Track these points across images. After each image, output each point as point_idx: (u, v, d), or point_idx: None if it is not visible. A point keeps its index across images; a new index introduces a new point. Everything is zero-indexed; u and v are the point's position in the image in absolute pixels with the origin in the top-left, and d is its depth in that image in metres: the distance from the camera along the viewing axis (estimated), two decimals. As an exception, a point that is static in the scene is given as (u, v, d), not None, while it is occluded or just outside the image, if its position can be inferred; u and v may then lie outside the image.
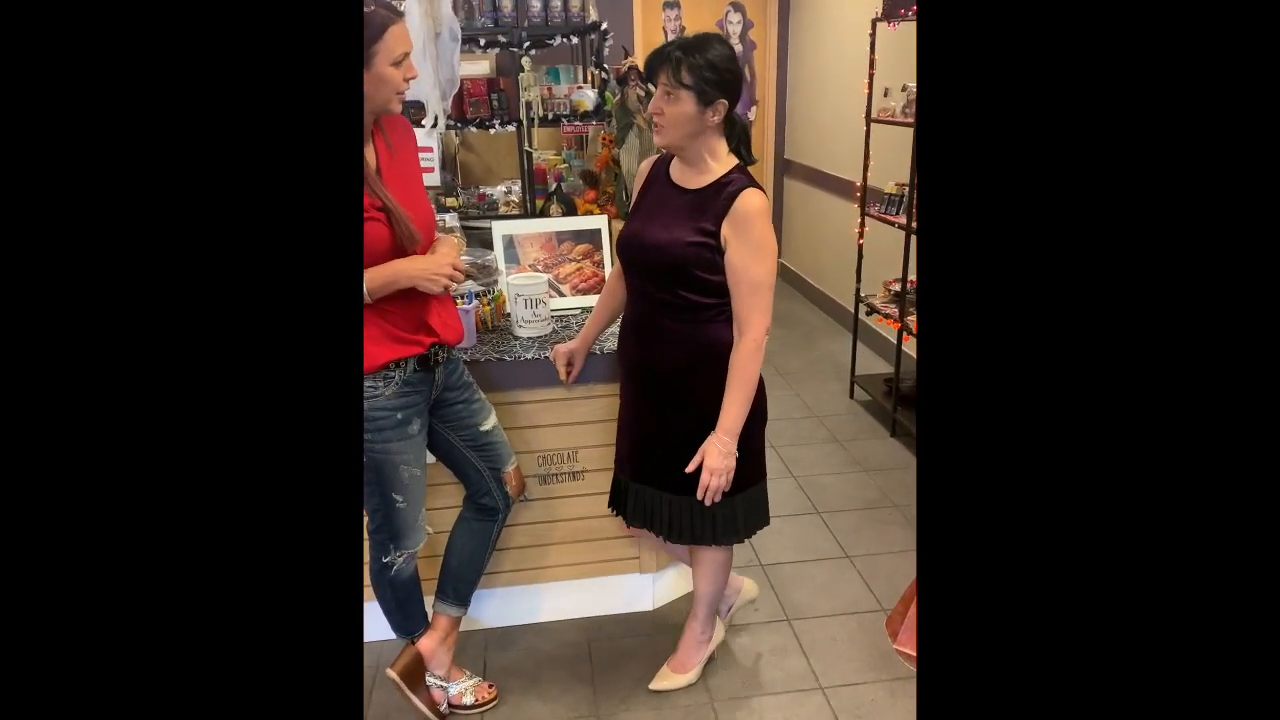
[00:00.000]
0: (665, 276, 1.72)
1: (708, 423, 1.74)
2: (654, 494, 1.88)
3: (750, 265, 1.67)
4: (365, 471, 1.74)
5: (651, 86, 1.69)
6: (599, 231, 2.34)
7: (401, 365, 1.69)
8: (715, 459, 1.72)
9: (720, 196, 1.68)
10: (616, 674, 2.16)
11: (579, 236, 2.34)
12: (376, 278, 1.59)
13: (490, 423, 1.93)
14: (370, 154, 1.63)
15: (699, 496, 1.75)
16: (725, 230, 1.66)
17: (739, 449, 1.75)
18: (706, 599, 2.07)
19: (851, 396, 3.89)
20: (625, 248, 1.80)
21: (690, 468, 1.75)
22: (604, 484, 2.22)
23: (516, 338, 2.14)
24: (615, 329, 2.14)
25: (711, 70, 1.60)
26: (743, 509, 1.86)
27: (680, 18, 5.34)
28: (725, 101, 1.65)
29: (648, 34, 5.26)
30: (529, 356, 2.05)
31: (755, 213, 1.66)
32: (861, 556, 2.65)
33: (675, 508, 1.85)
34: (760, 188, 1.70)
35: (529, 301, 2.11)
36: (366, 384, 1.66)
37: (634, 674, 2.15)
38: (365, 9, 1.49)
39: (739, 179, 1.69)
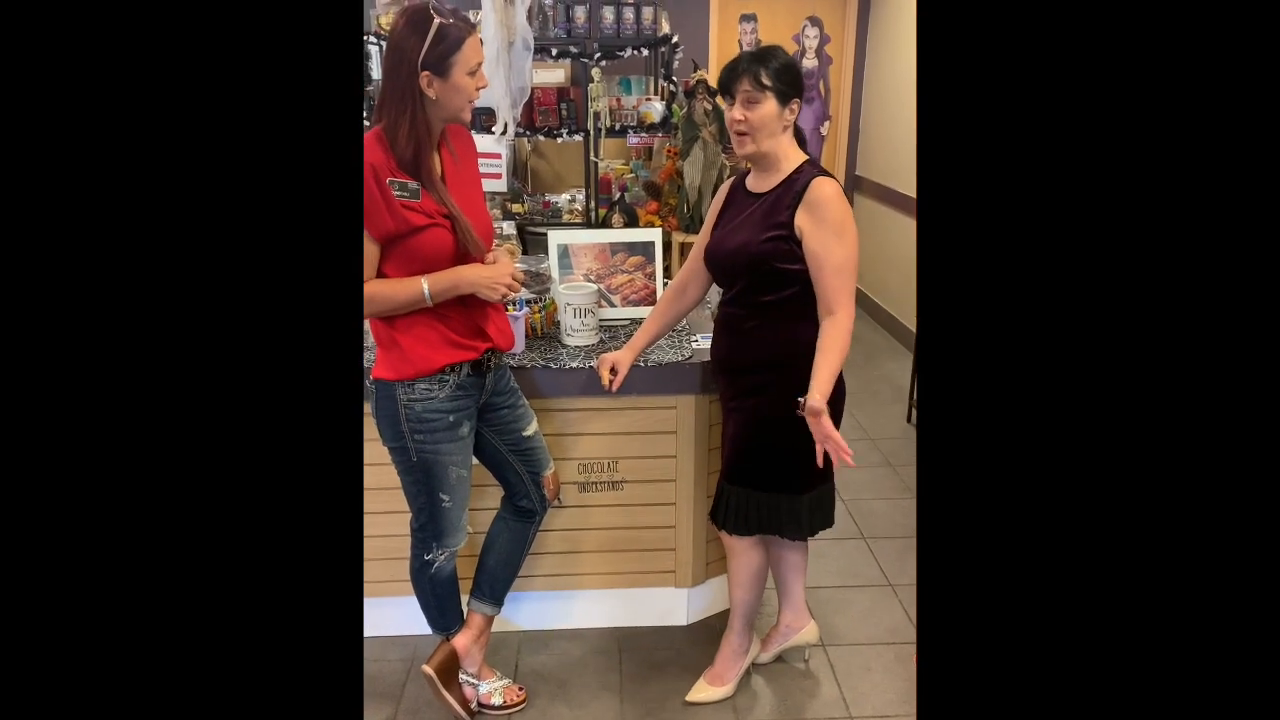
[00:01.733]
0: (746, 276, 1.78)
1: (786, 422, 1.75)
2: (724, 486, 1.94)
3: (832, 247, 1.69)
4: (414, 471, 1.79)
5: (720, 101, 1.75)
6: (652, 245, 2.36)
7: (456, 369, 1.74)
8: (817, 401, 1.65)
9: (792, 190, 1.73)
10: (645, 686, 2.16)
11: (633, 249, 2.36)
12: (439, 282, 1.65)
13: (532, 428, 1.97)
14: (436, 162, 1.69)
15: (818, 445, 1.68)
16: (800, 219, 1.70)
17: (808, 446, 1.77)
18: (742, 607, 2.07)
19: (909, 420, 3.81)
20: (709, 259, 1.89)
21: (805, 410, 1.67)
22: (642, 495, 2.23)
23: (564, 346, 2.17)
24: (665, 342, 2.16)
25: (786, 72, 1.70)
26: (808, 506, 1.91)
27: (756, 30, 5.33)
28: (798, 100, 1.74)
29: (723, 46, 5.26)
30: (575, 365, 2.07)
31: (828, 197, 1.70)
32: (905, 585, 2.59)
33: (740, 499, 1.90)
34: (832, 175, 1.74)
35: (578, 311, 2.14)
36: (422, 386, 1.71)
37: (663, 687, 2.15)
38: (443, 23, 1.55)
39: (809, 170, 1.75)
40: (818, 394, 1.68)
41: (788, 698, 2.14)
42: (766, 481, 1.88)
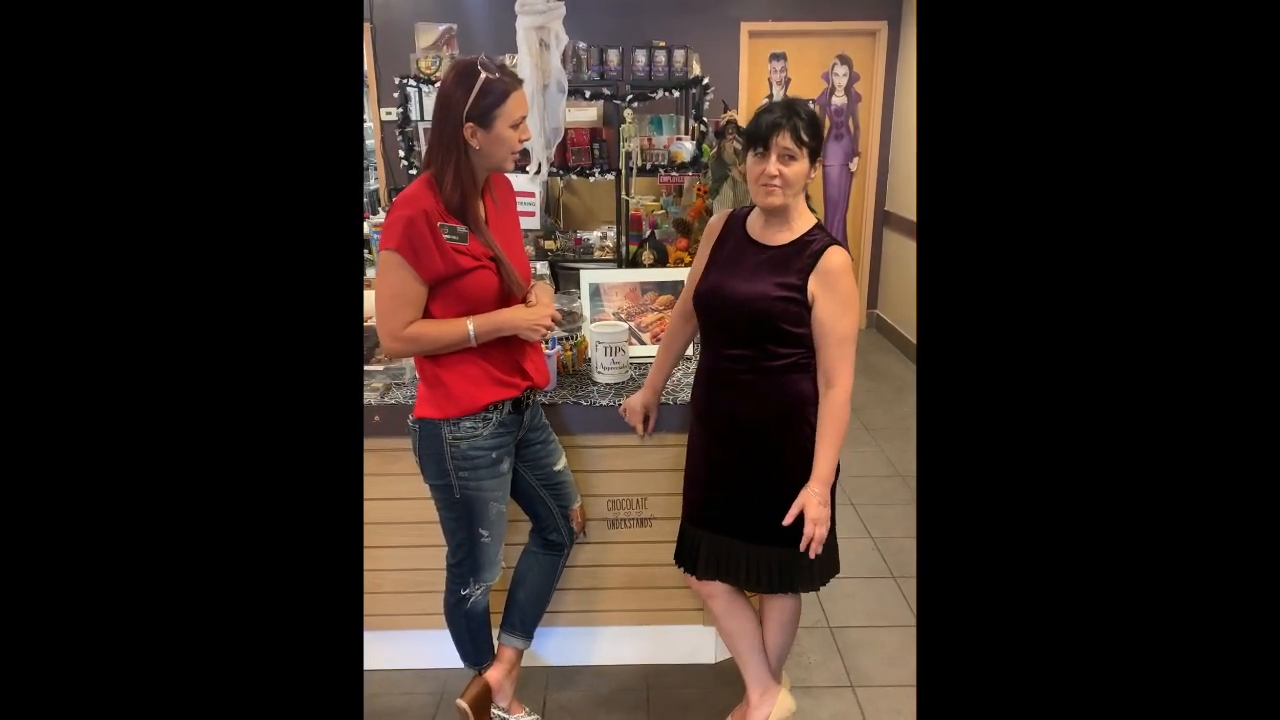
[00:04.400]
0: (750, 329, 1.76)
1: (793, 474, 1.76)
2: (732, 544, 1.89)
3: (839, 319, 1.71)
4: (456, 507, 1.84)
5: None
6: (681, 284, 2.40)
7: (499, 407, 1.79)
8: (815, 509, 1.74)
9: (805, 253, 1.73)
10: (672, 724, 2.16)
11: (662, 288, 2.40)
12: (484, 324, 1.71)
13: (562, 463, 2.01)
14: (480, 208, 1.75)
15: (802, 548, 1.75)
16: (812, 285, 1.71)
17: None
18: (776, 651, 2.06)
19: (939, 458, 3.79)
20: (706, 301, 1.83)
21: (789, 519, 1.75)
22: (671, 532, 2.23)
23: (595, 383, 2.21)
24: (689, 380, 2.18)
25: (819, 129, 1.72)
26: (817, 558, 1.85)
27: (785, 69, 5.40)
28: (820, 161, 1.76)
29: (753, 84, 5.34)
30: (604, 402, 2.11)
31: (841, 269, 1.72)
32: (935, 627, 2.56)
33: (755, 558, 1.87)
34: (841, 244, 1.75)
35: (609, 349, 2.18)
36: (466, 424, 1.76)
37: (690, 726, 2.15)
38: (489, 78, 1.61)
39: (821, 236, 1.75)
40: (818, 485, 1.73)
41: (816, 739, 2.12)
42: (778, 536, 1.79)
